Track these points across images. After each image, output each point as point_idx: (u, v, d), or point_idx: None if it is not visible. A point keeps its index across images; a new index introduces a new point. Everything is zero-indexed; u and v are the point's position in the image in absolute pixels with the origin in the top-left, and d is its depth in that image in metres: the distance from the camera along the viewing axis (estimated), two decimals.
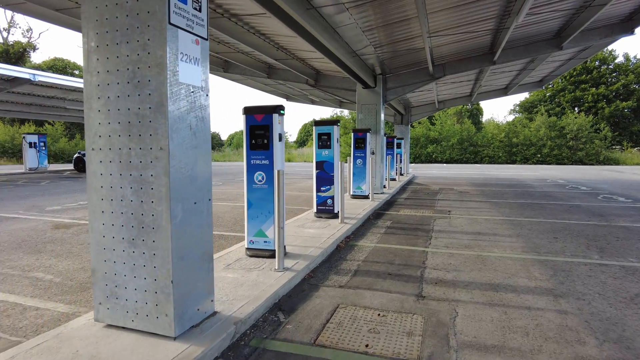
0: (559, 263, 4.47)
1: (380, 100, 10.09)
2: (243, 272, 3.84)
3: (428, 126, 38.80)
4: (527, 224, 6.73)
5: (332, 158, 6.58)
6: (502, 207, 8.63)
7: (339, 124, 6.59)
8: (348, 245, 5.32)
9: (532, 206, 8.80)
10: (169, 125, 2.42)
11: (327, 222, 6.32)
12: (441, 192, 11.71)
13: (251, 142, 4.27)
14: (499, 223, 6.85)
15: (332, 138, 6.55)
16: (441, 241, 5.53)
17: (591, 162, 32.20)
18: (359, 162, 9.26)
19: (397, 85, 10.27)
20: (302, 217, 6.82)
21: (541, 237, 5.75)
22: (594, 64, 40.24)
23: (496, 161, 34.40)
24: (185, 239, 2.59)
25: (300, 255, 4.38)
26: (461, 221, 7.02)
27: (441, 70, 9.93)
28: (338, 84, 10.87)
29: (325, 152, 6.61)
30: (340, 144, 6.60)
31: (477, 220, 7.15)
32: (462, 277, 3.99)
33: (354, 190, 9.35)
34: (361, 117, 10.28)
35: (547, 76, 15.47)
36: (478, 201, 9.65)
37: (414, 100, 17.11)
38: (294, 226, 6.03)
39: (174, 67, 2.44)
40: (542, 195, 10.72)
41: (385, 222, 6.99)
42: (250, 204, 4.34)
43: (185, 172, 2.57)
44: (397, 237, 5.81)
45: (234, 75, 12.40)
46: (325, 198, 6.68)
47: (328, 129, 6.56)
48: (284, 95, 17.76)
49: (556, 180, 15.60)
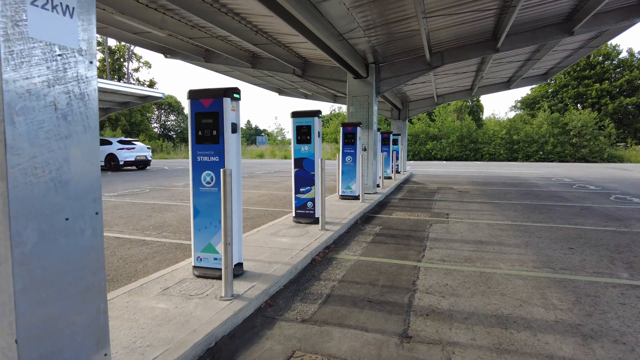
0: (581, 284, 3.62)
1: (372, 91, 9.22)
2: (180, 300, 2.99)
3: (428, 122, 37.92)
4: (535, 231, 5.88)
5: (312, 155, 5.72)
6: (506, 210, 7.78)
7: (320, 116, 5.73)
8: (326, 258, 4.47)
9: (539, 208, 7.94)
10: (4, 102, 1.55)
11: (306, 229, 5.46)
12: (439, 191, 10.86)
13: (197, 133, 3.41)
14: (503, 229, 6.00)
15: (312, 131, 5.69)
16: (437, 253, 4.68)
17: (595, 159, 31.34)
18: (349, 160, 8.40)
19: (391, 76, 9.39)
20: (278, 223, 5.97)
21: (554, 248, 4.89)
22: (597, 59, 39.33)
23: (497, 158, 33.53)
24: (49, 272, 1.74)
25: (260, 276, 3.53)
26: (461, 226, 6.18)
27: (439, 59, 9.05)
28: (327, 74, 9.99)
29: (305, 147, 5.75)
30: (322, 138, 5.71)
31: (479, 225, 6.30)
32: (460, 304, 3.15)
33: (343, 190, 8.50)
34: (352, 110, 9.41)
35: (553, 68, 14.58)
36: (479, 202, 8.80)
37: (411, 94, 16.22)
38: (266, 234, 5.18)
39: (14, 11, 1.57)
40: (549, 196, 9.87)
41: (374, 227, 6.13)
42: (197, 211, 3.48)
43: (43, 175, 1.71)
44: (386, 247, 4.96)
45: (217, 65, 11.54)
46: (305, 200, 5.82)
47: (308, 121, 5.70)
48: (275, 89, 16.90)
49: (562, 179, 14.74)
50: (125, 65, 50.53)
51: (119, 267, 4.19)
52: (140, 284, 3.33)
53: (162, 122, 57.64)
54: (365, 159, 9.43)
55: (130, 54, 50.32)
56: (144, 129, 47.20)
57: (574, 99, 39.84)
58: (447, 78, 13.66)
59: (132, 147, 19.20)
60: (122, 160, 18.54)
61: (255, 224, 6.32)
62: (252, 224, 6.28)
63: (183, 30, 8.07)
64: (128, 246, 5.05)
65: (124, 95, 20.77)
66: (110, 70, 48.26)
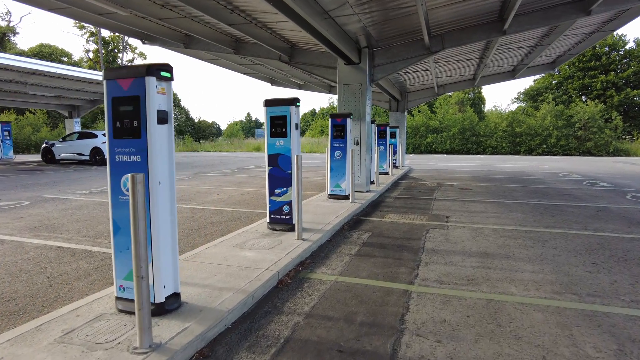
0: (619, 321, 2.80)
1: (365, 79, 8.33)
2: (77, 353, 2.18)
3: (428, 115, 36.92)
4: (549, 239, 5.05)
5: (289, 150, 4.87)
6: (513, 211, 6.95)
7: (298, 104, 4.87)
8: (297, 278, 3.65)
9: (549, 209, 7.11)
10: None
11: (280, 238, 4.64)
12: (439, 189, 10.02)
13: (114, 125, 2.57)
14: (512, 236, 5.17)
15: (288, 123, 4.83)
16: (434, 270, 3.86)
17: (600, 153, 30.40)
18: (338, 155, 7.55)
19: (386, 61, 8.50)
20: (249, 230, 5.13)
21: (574, 263, 4.07)
22: (603, 49, 38.20)
23: (499, 152, 32.59)
24: None
25: (202, 310, 2.72)
26: (462, 233, 5.35)
27: (439, 43, 8.15)
28: (317, 60, 9.10)
29: (280, 142, 4.90)
30: (300, 131, 4.87)
31: (483, 231, 5.48)
32: (462, 355, 2.33)
33: (331, 189, 7.67)
34: (343, 99, 8.54)
35: (561, 56, 13.64)
36: (483, 202, 7.97)
37: (410, 83, 15.31)
38: (230, 246, 4.36)
39: None
40: (558, 194, 9.02)
41: (362, 234, 5.31)
42: (117, 227, 2.66)
43: None
44: (373, 261, 4.14)
45: (198, 51, 10.65)
46: (281, 204, 4.99)
47: (283, 110, 4.84)
48: (267, 79, 16.00)
49: (569, 174, 13.88)
50: (119, 56, 49.47)
51: (39, 290, 3.38)
52: (38, 325, 2.52)
53: None
54: (358, 153, 8.58)
55: (124, 45, 49.24)
56: None
57: (578, 91, 38.79)
58: (448, 66, 12.74)
59: None
60: None
61: (225, 229, 5.49)
62: (221, 231, 5.45)
63: (152, 10, 7.19)
64: (67, 259, 4.23)
65: None
66: (104, 62, 47.27)
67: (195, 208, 7.26)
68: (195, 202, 7.88)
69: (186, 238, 5.13)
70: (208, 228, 5.67)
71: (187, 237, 5.17)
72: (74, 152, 18.54)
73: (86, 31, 46.78)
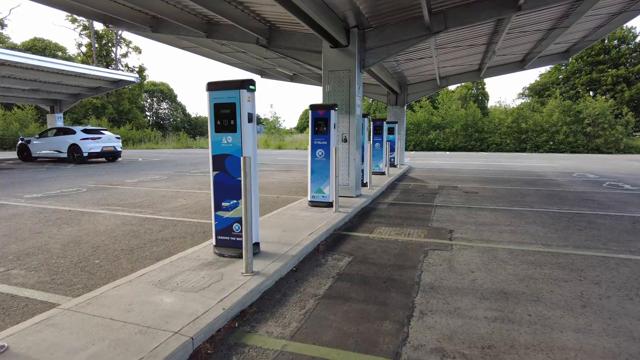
0: None
1: (355, 64, 7.08)
2: None
3: (431, 110, 35.56)
4: (586, 267, 3.82)
5: (239, 150, 3.64)
6: (531, 223, 5.71)
7: (252, 87, 3.63)
8: (225, 346, 2.43)
9: (574, 220, 5.87)
10: None
11: (221, 271, 3.41)
12: (441, 192, 8.78)
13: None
14: (535, 262, 3.94)
15: (238, 113, 3.59)
16: (432, 327, 2.63)
17: (610, 150, 29.02)
18: (320, 154, 6.32)
19: (379, 44, 7.23)
20: (189, 255, 3.90)
21: (636, 314, 2.84)
22: (612, 42, 36.75)
23: (504, 149, 31.25)
24: None
25: None
26: (470, 256, 4.12)
27: (442, 21, 6.87)
28: (299, 44, 7.84)
29: (228, 138, 3.67)
30: (257, 124, 3.55)
31: (497, 253, 4.25)
32: None
33: (312, 194, 6.44)
34: (328, 89, 7.28)
35: (577, 43, 12.32)
36: (493, 209, 6.73)
37: (409, 73, 14.01)
38: (150, 283, 3.14)
39: None
40: (579, 199, 7.77)
41: (340, 260, 4.08)
42: None
43: None
44: (346, 310, 2.92)
45: (167, 36, 9.41)
46: (230, 221, 3.76)
47: (230, 96, 3.59)
48: (256, 70, 14.74)
49: (584, 174, 12.59)
50: (113, 50, 48.23)
51: None
52: None
53: (154, 111, 55.48)
54: (346, 152, 7.34)
55: (118, 39, 47.99)
56: (132, 118, 45.07)
57: (586, 86, 37.35)
58: (452, 54, 11.45)
59: (98, 137, 17.12)
60: (86, 151, 16.47)
61: (164, 252, 4.28)
62: (158, 253, 4.24)
63: None
64: None
65: (94, 79, 18.68)
66: (97, 56, 46.09)
67: (147, 218, 6.05)
68: (152, 210, 6.67)
69: (111, 263, 3.92)
70: (146, 248, 4.46)
71: (113, 262, 3.96)
72: (51, 149, 17.36)
73: (79, 24, 45.52)
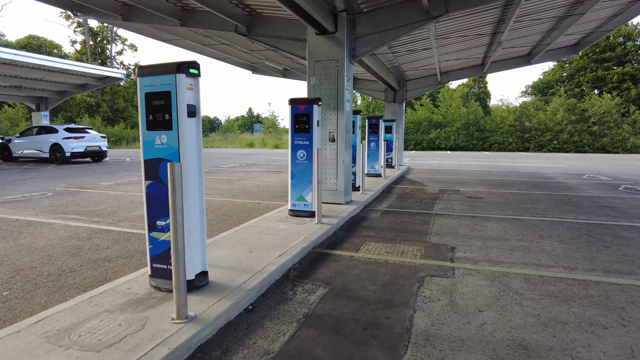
0: None
1: (344, 53, 6.23)
2: None
3: (431, 109, 34.66)
4: (625, 302, 2.97)
5: (176, 153, 2.80)
6: (546, 237, 4.86)
7: (193, 71, 2.78)
8: None
9: (596, 233, 5.02)
10: None
11: (150, 312, 2.57)
12: (441, 197, 7.93)
13: None
14: (559, 295, 3.09)
15: (174, 105, 2.75)
16: None
17: (616, 150, 28.12)
18: (301, 156, 5.47)
19: (372, 31, 6.38)
20: (116, 288, 3.04)
21: None
22: (618, 39, 35.80)
23: (506, 148, 30.35)
24: None
25: None
26: (477, 287, 3.27)
27: (442, 4, 6.01)
28: (282, 32, 6.99)
29: (163, 137, 2.83)
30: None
31: (510, 282, 3.40)
32: None
33: (293, 202, 5.60)
34: (314, 81, 6.43)
35: (588, 35, 11.44)
36: (500, 218, 5.89)
37: (408, 68, 13.14)
38: (41, 337, 2.29)
39: None
40: (596, 206, 6.91)
41: (312, 292, 3.23)
42: None
43: None
44: None
45: (140, 25, 8.59)
46: (168, 245, 2.92)
47: (165, 82, 2.75)
48: (247, 66, 13.91)
49: (595, 176, 11.72)
50: (108, 47, 47.41)
51: None
52: None
53: None
54: (333, 153, 6.50)
55: (113, 36, 47.15)
56: (128, 116, 44.25)
57: (591, 84, 36.38)
58: (453, 46, 10.59)
59: (82, 137, 16.30)
60: (68, 151, 15.65)
61: (95, 280, 3.44)
62: (80, 282, 3.40)
63: None
64: None
65: (79, 75, 17.84)
66: (92, 54, 45.28)
67: (101, 230, 5.22)
68: (111, 219, 5.83)
69: (22, 296, 3.09)
70: (79, 272, 3.63)
71: (26, 295, 3.13)
72: (33, 149, 16.53)
73: (73, 21, 44.68)
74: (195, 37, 10.10)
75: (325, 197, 6.56)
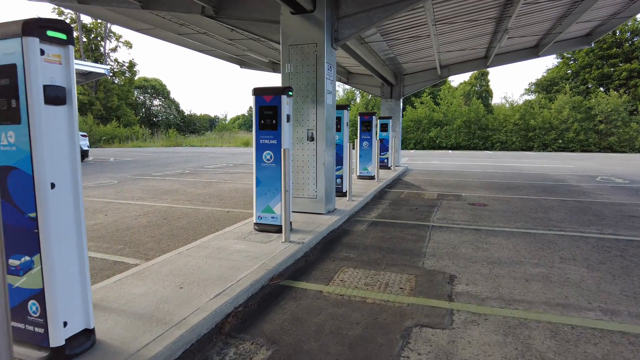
0: None
1: (324, 36, 5.26)
2: None
3: (432, 107, 33.62)
4: None
5: (28, 159, 1.82)
6: (569, 260, 3.88)
7: (61, 36, 1.82)
8: None
9: (630, 254, 4.04)
10: None
11: None
12: (440, 204, 6.96)
13: None
14: None
15: (22, 87, 1.78)
16: None
17: (623, 149, 27.07)
18: (268, 158, 4.50)
19: (358, 9, 5.41)
20: None
21: None
22: (624, 35, 34.69)
23: (509, 147, 29.32)
24: None
25: None
26: (484, 348, 2.29)
27: None
28: (255, 13, 6.02)
29: (10, 136, 1.86)
30: (77, 107, 1.64)
31: (531, 336, 2.42)
32: None
33: (259, 214, 4.63)
34: (289, 69, 5.46)
35: (602, 24, 10.44)
36: (509, 232, 4.91)
37: (405, 60, 12.14)
38: None
39: None
40: (621, 216, 5.93)
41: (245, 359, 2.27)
42: None
43: None
44: None
45: (102, 10, 7.62)
46: (24, 295, 1.95)
47: (7, 52, 1.78)
48: (234, 59, 12.93)
49: (609, 178, 10.73)
50: (102, 44, 46.44)
51: None
52: None
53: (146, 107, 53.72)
54: (312, 154, 5.52)
55: (107, 33, 46.17)
56: (121, 115, 43.31)
57: (597, 81, 35.28)
58: (454, 35, 9.59)
59: None
60: None
61: None
62: None
63: None
64: None
65: None
66: (85, 50, 44.29)
67: None
68: None
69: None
70: None
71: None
72: None
73: (65, 17, 43.69)
74: (170, 25, 9.13)
75: (304, 205, 5.59)
